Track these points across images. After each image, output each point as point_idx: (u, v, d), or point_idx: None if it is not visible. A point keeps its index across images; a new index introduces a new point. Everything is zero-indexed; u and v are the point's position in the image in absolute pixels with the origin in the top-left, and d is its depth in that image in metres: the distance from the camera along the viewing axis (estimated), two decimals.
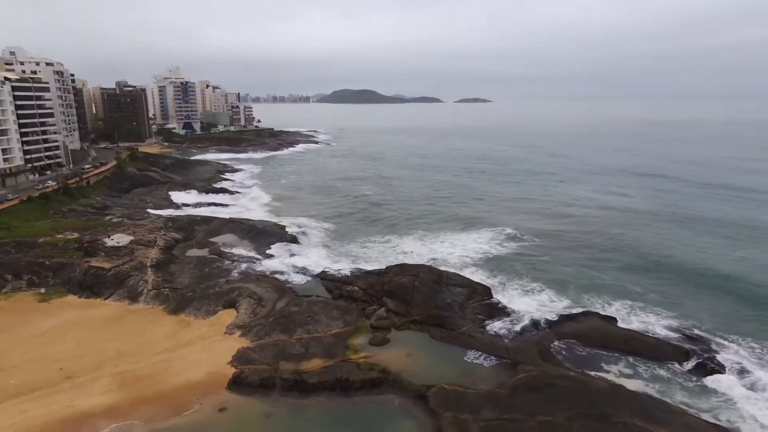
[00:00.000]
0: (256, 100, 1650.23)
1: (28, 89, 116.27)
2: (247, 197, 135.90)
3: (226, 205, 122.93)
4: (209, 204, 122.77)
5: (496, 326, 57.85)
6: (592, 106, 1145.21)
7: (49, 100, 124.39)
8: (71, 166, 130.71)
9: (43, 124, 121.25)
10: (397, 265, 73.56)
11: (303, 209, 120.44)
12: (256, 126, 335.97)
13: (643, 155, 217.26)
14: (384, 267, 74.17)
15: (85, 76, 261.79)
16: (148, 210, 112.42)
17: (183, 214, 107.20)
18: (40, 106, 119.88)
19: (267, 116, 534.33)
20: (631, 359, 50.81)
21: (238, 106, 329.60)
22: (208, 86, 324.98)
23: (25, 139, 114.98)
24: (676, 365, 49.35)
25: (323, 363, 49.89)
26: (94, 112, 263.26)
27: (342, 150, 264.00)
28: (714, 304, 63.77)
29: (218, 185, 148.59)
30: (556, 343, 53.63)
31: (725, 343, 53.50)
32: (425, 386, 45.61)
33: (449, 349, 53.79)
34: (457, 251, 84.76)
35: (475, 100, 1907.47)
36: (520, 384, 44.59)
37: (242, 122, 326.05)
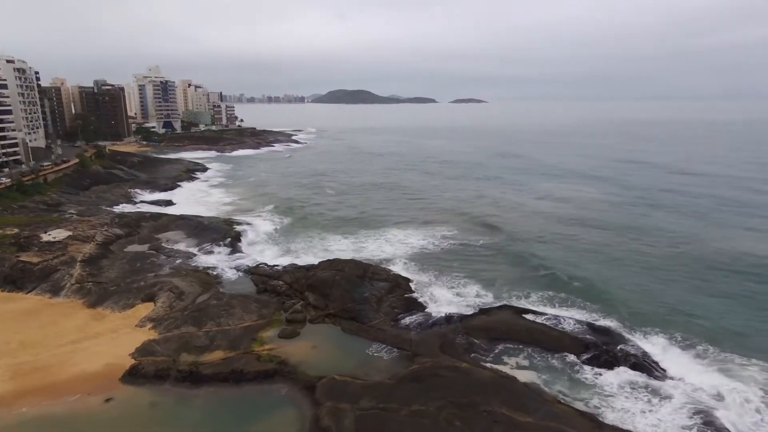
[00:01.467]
0: (251, 100, 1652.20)
1: None
2: (208, 195, 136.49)
3: (185, 203, 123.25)
4: (167, 202, 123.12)
5: (408, 320, 58.50)
6: (588, 106, 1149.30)
7: (7, 97, 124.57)
8: (31, 163, 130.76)
9: (0, 121, 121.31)
10: (328, 260, 74.13)
11: (260, 206, 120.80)
12: (238, 125, 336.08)
13: (601, 157, 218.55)
14: (317, 262, 74.78)
15: (82, 77, 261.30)
16: (104, 207, 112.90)
17: (136, 210, 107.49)
18: None
19: (258, 116, 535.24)
20: (530, 350, 51.51)
21: (219, 106, 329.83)
22: (190, 85, 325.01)
23: None
24: (572, 357, 50.05)
25: (224, 355, 50.45)
26: (73, 110, 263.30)
27: (320, 149, 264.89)
28: (639, 295, 64.48)
29: (182, 183, 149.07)
30: (462, 336, 54.14)
31: (634, 336, 54.03)
32: (317, 377, 46.19)
33: (356, 341, 54.37)
34: (399, 247, 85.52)
35: (470, 100, 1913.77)
36: (407, 375, 45.23)
37: (224, 121, 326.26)
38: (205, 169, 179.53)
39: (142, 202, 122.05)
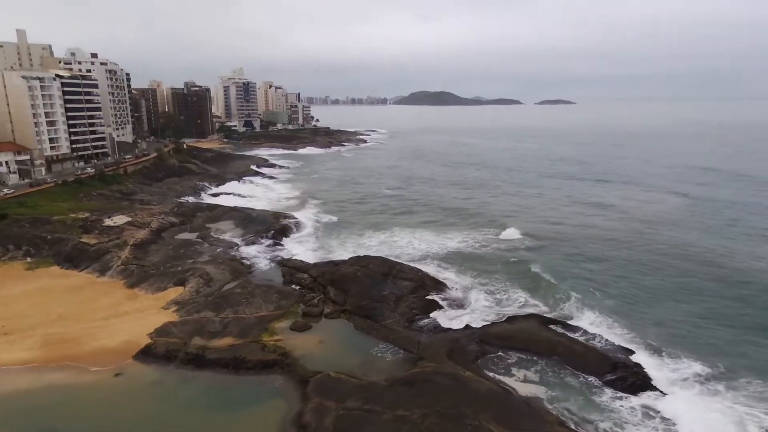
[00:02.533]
0: (336, 102, 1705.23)
1: (77, 85, 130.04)
2: (268, 189, 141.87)
3: (246, 196, 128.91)
4: (230, 194, 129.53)
5: (424, 322, 56.11)
6: (689, 107, 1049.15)
7: (98, 95, 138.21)
8: (116, 156, 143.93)
9: (90, 117, 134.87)
10: (357, 256, 73.46)
11: (314, 201, 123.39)
12: (314, 125, 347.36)
13: (688, 165, 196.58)
14: (347, 258, 74.33)
15: (181, 80, 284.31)
16: (172, 197, 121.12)
17: (195, 201, 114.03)
18: (88, 101, 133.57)
19: (339, 117, 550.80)
20: (547, 364, 47.03)
21: (296, 106, 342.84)
22: (271, 86, 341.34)
23: (72, 129, 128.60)
24: (594, 376, 44.90)
25: (233, 342, 51.34)
26: (167, 110, 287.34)
27: (388, 148, 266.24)
28: (690, 326, 56.70)
29: (250, 178, 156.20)
30: (476, 343, 50.78)
31: (669, 365, 47.32)
32: (313, 372, 45.48)
33: (364, 340, 52.99)
34: (439, 247, 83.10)
35: (557, 101, 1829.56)
36: (401, 378, 43.15)
37: (300, 121, 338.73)
38: (272, 165, 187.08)
39: (206, 194, 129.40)
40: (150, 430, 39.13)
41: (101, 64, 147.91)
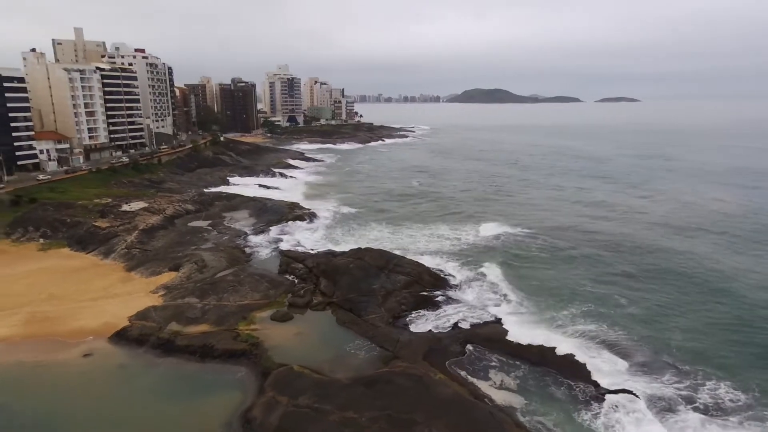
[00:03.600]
0: (389, 100, 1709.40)
1: (117, 78, 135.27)
2: (297, 181, 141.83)
3: (271, 187, 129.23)
4: (255, 185, 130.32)
5: (410, 318, 52.48)
6: (761, 105, 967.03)
7: (137, 87, 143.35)
8: (153, 146, 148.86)
9: (129, 108, 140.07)
10: (358, 248, 70.65)
11: (338, 193, 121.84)
12: (357, 121, 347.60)
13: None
14: (349, 249, 71.68)
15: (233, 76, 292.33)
16: (200, 187, 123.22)
17: (217, 191, 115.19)
18: (127, 93, 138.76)
19: (388, 114, 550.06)
20: (534, 371, 42.26)
21: (340, 102, 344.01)
22: (316, 82, 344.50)
23: (111, 120, 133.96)
24: (580, 385, 39.73)
25: (208, 329, 49.99)
26: (215, 105, 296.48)
27: (428, 144, 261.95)
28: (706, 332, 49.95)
29: (280, 170, 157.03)
30: (459, 344, 46.67)
31: (664, 378, 41.35)
32: (278, 364, 43.21)
33: (343, 334, 50.20)
34: (458, 243, 78.71)
35: (619, 99, 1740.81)
36: (363, 378, 39.94)
37: (343, 116, 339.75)
38: (306, 159, 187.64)
39: (232, 184, 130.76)
40: (103, 414, 38.11)
41: (143, 57, 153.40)
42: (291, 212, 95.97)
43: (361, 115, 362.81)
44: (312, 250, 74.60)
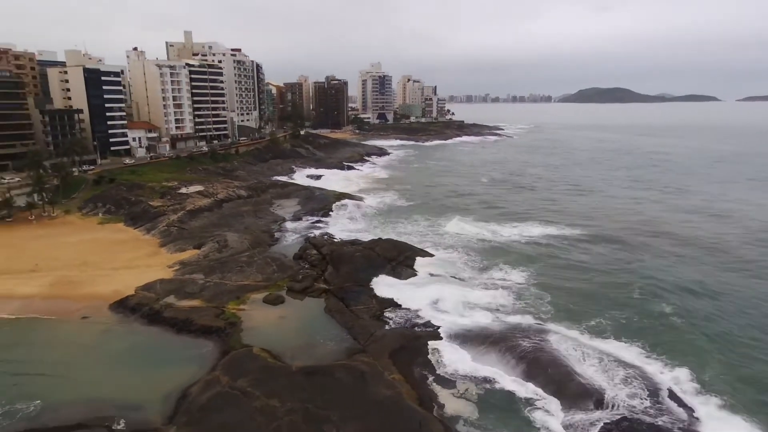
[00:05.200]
0: (496, 100, 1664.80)
1: (203, 73, 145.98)
2: (363, 173, 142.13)
3: (333, 179, 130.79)
4: (319, 176, 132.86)
5: (398, 313, 48.52)
6: None
7: (222, 83, 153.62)
8: (235, 138, 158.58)
9: (214, 102, 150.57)
10: (379, 238, 67.97)
11: (397, 186, 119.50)
12: (449, 118, 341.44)
13: None
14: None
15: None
16: (269, 176, 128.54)
17: (275, 179, 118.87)
18: (213, 87, 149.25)
19: (489, 114, 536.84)
20: (506, 381, 36.40)
21: (431, 99, 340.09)
22: (409, 80, 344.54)
23: (197, 112, 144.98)
24: (560, 409, 33.19)
25: (198, 304, 50.78)
26: (311, 103, 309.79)
27: (518, 142, 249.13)
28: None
29: (352, 163, 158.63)
30: (434, 342, 42.00)
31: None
32: (241, 345, 42.31)
33: (325, 323, 48.05)
34: (494, 241, 72.94)
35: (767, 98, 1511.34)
36: (308, 368, 37.45)
37: (434, 114, 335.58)
38: (383, 154, 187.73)
39: (298, 174, 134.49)
40: (72, 366, 40.32)
41: (231, 55, 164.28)
42: (336, 202, 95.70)
43: (452, 113, 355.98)
44: (338, 238, 73.29)
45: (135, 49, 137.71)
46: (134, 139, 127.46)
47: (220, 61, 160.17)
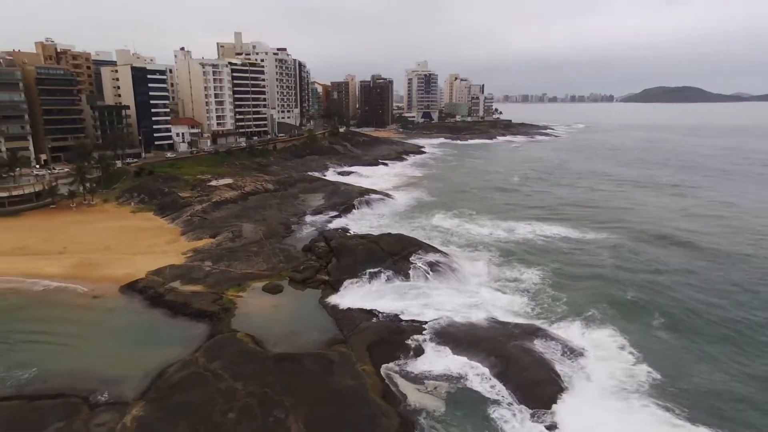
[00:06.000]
0: (553, 99, 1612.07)
1: (245, 71, 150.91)
2: (396, 171, 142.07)
3: (364, 175, 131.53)
4: (351, 173, 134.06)
5: (388, 305, 47.97)
6: None
7: (263, 81, 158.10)
8: (274, 134, 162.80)
9: (255, 99, 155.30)
10: (387, 233, 67.60)
11: (430, 185, 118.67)
12: (497, 118, 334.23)
13: None
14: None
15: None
16: (303, 171, 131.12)
17: (315, 176, 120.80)
18: (254, 86, 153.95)
19: (540, 114, 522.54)
20: (478, 381, 35.13)
21: (478, 98, 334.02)
22: (456, 78, 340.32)
23: (238, 109, 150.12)
24: (523, 408, 31.64)
25: (200, 289, 52.54)
26: (357, 101, 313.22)
27: (566, 142, 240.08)
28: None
29: (387, 161, 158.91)
30: (420, 338, 41.19)
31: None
32: (229, 329, 43.42)
33: (316, 312, 48.52)
34: (512, 240, 70.91)
35: None
36: (280, 355, 37.91)
37: (480, 113, 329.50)
38: (421, 153, 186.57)
39: (331, 171, 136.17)
40: (75, 339, 42.94)
41: (273, 54, 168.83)
42: (359, 197, 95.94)
43: (500, 112, 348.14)
44: (352, 232, 73.48)
45: (182, 48, 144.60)
46: (177, 135, 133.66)
47: (262, 60, 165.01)
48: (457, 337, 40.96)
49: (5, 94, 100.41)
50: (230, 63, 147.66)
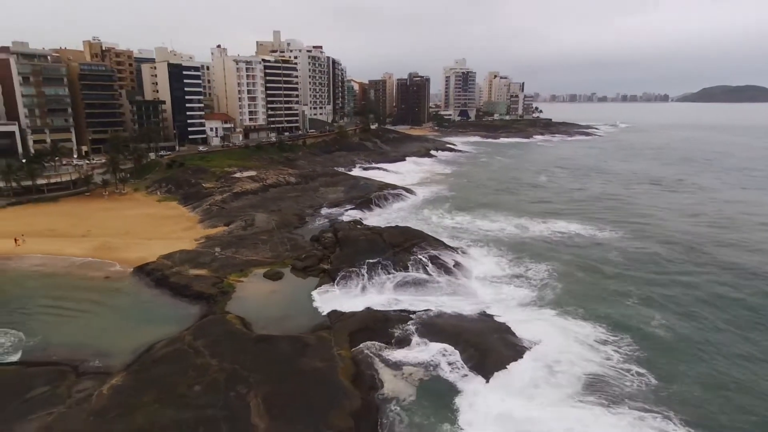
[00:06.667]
0: (603, 99, 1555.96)
1: (278, 68, 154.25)
2: (422, 168, 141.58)
3: (389, 171, 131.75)
4: (377, 168, 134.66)
5: (383, 299, 48.06)
6: None
7: (296, 78, 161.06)
8: (306, 130, 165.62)
9: (287, 95, 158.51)
10: (395, 226, 67.85)
11: (455, 181, 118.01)
12: (537, 116, 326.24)
13: None
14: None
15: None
16: (329, 166, 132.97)
17: (334, 170, 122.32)
18: (286, 82, 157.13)
19: (585, 113, 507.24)
20: (454, 369, 34.72)
21: (517, 96, 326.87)
22: (496, 77, 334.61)
23: (270, 105, 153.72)
24: (495, 397, 30.98)
25: (204, 273, 54.25)
26: (393, 99, 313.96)
27: (606, 142, 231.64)
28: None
29: (416, 158, 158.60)
30: (405, 327, 41.06)
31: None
32: (224, 311, 44.78)
33: (308, 299, 48.89)
34: (525, 237, 69.66)
35: None
36: (260, 336, 38.75)
37: (519, 112, 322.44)
38: (452, 150, 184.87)
39: (358, 166, 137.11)
40: (78, 317, 45.35)
41: (307, 51, 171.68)
42: (377, 191, 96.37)
43: (540, 111, 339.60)
44: (363, 224, 73.90)
45: (218, 46, 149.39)
46: (211, 129, 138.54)
47: (295, 57, 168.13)
48: (443, 329, 40.50)
49: (51, 88, 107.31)
50: (263, 60, 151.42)
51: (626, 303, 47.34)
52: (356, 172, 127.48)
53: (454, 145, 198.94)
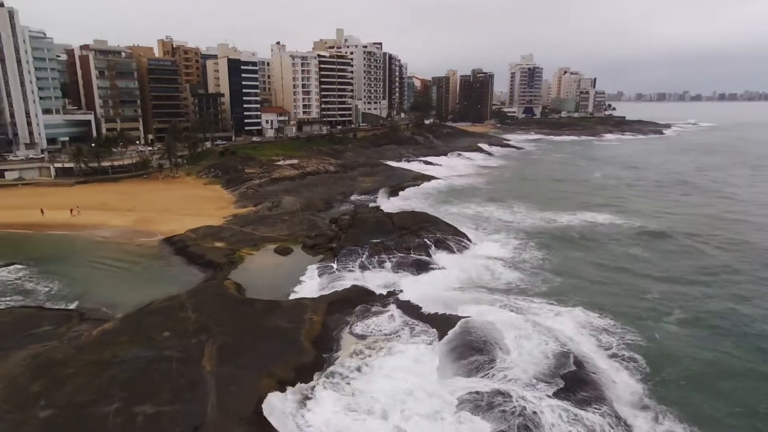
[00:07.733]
0: (696, 98, 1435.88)
1: (332, 63, 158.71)
2: (469, 162, 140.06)
3: (434, 164, 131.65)
4: (422, 161, 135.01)
5: (378, 278, 48.93)
6: None
7: (350, 73, 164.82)
8: (358, 124, 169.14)
9: (341, 90, 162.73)
10: (411, 210, 68.44)
11: (497, 175, 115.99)
12: (607, 114, 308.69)
13: None
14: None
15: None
16: (377, 159, 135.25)
17: (376, 161, 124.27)
18: (340, 77, 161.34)
19: (671, 113, 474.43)
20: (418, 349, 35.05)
21: (587, 93, 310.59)
22: (565, 72, 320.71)
23: (324, 99, 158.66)
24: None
25: (220, 245, 58.19)
26: (456, 95, 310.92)
27: (673, 141, 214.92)
28: None
29: (465, 153, 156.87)
30: (382, 301, 41.92)
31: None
32: (225, 278, 47.93)
33: (305, 272, 50.95)
34: (546, 228, 67.66)
35: None
36: (246, 300, 41.19)
37: (589, 109, 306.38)
38: (507, 146, 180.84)
39: (406, 159, 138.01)
40: (106, 274, 50.71)
41: (363, 47, 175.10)
42: (412, 181, 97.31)
43: (613, 108, 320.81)
44: (385, 209, 75.09)
45: (278, 43, 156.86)
46: (267, 121, 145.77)
47: (351, 53, 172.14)
48: (425, 310, 40.67)
49: (123, 81, 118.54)
50: (318, 55, 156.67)
51: (613, 291, 44.81)
52: (400, 164, 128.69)
53: (511, 141, 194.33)
